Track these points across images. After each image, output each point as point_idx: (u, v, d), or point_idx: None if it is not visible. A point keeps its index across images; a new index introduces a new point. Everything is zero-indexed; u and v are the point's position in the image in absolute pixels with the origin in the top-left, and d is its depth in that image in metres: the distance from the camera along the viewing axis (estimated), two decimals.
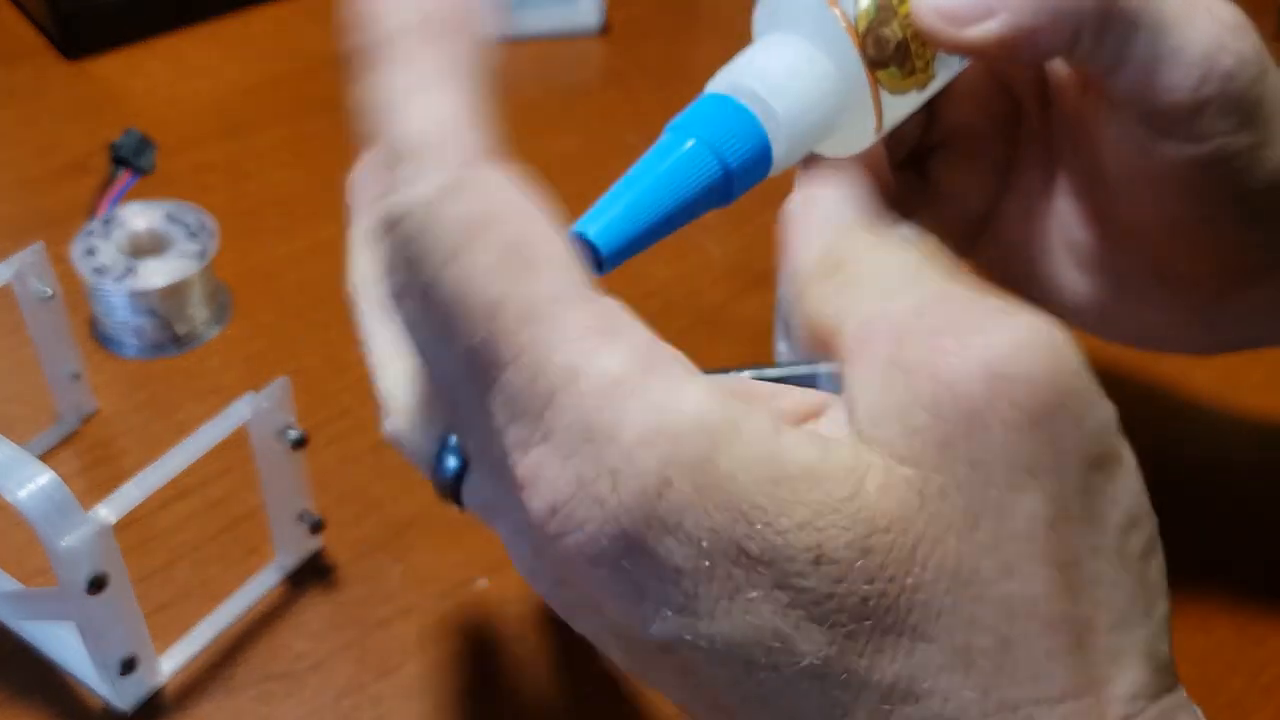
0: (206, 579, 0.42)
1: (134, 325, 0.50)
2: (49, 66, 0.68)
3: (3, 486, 0.34)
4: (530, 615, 0.42)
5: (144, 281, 0.49)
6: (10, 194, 0.59)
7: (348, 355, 0.51)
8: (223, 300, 0.53)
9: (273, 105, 0.66)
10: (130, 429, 0.48)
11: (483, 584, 0.43)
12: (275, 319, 0.53)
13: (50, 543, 0.34)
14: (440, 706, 0.39)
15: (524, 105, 0.67)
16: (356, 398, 0.49)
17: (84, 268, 0.50)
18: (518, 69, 0.70)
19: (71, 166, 0.60)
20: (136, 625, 0.37)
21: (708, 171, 0.28)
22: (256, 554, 0.43)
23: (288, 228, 0.58)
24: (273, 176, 0.61)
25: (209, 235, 0.51)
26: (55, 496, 0.34)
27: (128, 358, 0.51)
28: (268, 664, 0.40)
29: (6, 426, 0.47)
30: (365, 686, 0.39)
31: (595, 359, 0.22)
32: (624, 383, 0.22)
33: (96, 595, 0.34)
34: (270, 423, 0.39)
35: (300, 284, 0.54)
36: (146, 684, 0.39)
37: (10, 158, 0.61)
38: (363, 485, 0.46)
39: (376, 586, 0.42)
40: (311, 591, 0.42)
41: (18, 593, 0.41)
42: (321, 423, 0.48)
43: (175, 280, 0.50)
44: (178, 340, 0.51)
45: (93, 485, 0.45)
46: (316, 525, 0.42)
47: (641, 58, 0.72)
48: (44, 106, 0.65)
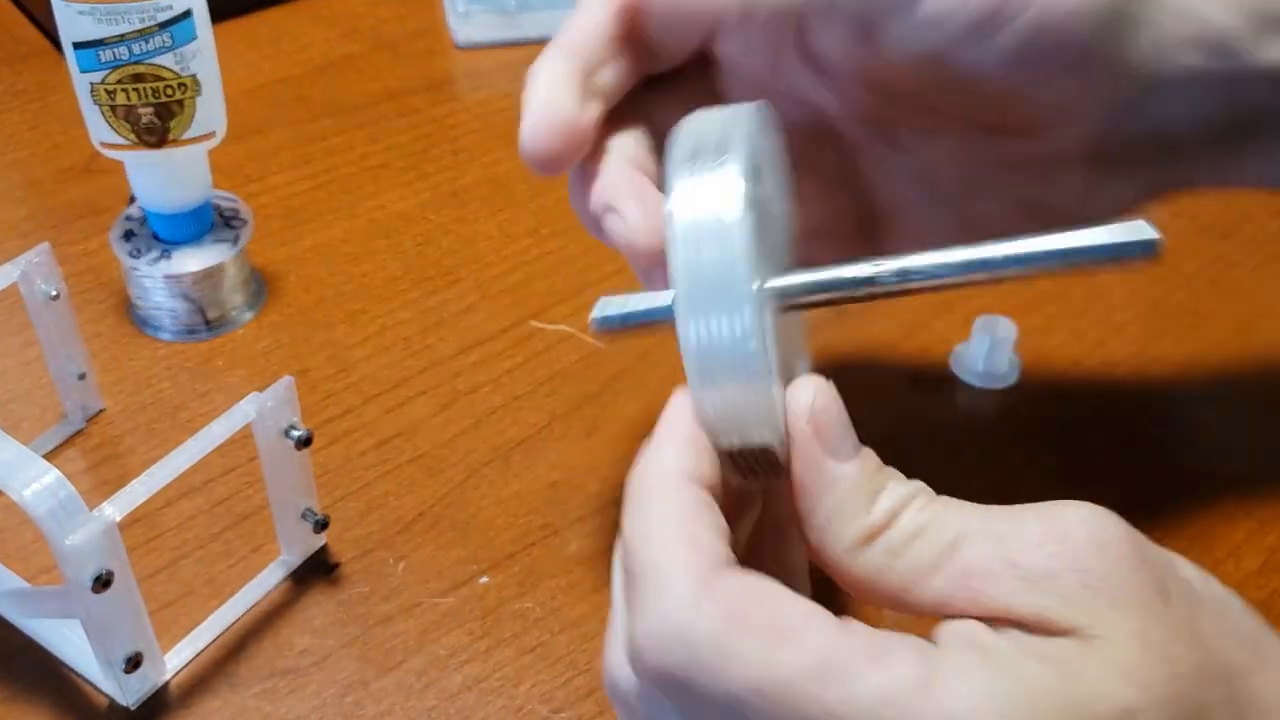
0: (211, 576, 0.43)
1: (169, 309, 0.51)
2: (54, 69, 0.68)
3: (9, 485, 0.34)
4: (531, 612, 0.42)
5: (178, 266, 0.50)
6: (17, 195, 0.59)
7: (351, 355, 0.51)
8: (256, 286, 0.54)
9: (277, 108, 0.66)
10: (136, 427, 0.48)
11: (484, 581, 0.43)
12: (279, 319, 0.53)
13: (56, 541, 0.34)
14: (442, 703, 0.39)
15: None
16: (360, 397, 0.49)
17: (121, 251, 0.50)
18: (519, 72, 0.70)
19: (77, 168, 0.61)
20: (141, 622, 0.37)
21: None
22: (261, 551, 0.43)
23: (290, 229, 0.58)
24: (277, 179, 0.61)
25: (244, 222, 0.52)
26: (60, 495, 0.34)
27: (163, 340, 0.52)
28: (272, 660, 0.40)
29: (13, 425, 0.47)
30: (368, 683, 0.40)
31: (857, 685, 0.25)
32: (913, 701, 0.25)
33: (102, 593, 0.35)
34: (275, 421, 0.39)
35: (304, 285, 0.55)
36: (151, 680, 0.39)
37: (16, 159, 0.62)
38: (366, 483, 0.46)
39: (380, 584, 0.43)
40: (315, 589, 0.42)
41: (24, 590, 0.41)
42: (325, 421, 0.48)
43: (209, 265, 0.50)
44: (210, 324, 0.52)
45: (98, 484, 0.46)
46: (320, 523, 0.42)
47: None
48: (49, 109, 0.65)
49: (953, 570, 0.27)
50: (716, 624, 0.25)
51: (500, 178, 0.62)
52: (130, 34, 0.44)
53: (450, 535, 0.44)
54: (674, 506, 0.27)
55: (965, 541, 0.27)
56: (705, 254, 0.28)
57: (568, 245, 0.58)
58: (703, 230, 0.28)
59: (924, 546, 0.28)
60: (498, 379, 0.51)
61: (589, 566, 0.43)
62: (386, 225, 0.59)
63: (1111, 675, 0.25)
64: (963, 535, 0.28)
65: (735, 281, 0.27)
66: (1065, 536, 0.27)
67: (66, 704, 0.39)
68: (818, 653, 0.25)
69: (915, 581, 0.27)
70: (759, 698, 0.25)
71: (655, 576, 0.26)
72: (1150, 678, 0.25)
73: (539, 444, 0.48)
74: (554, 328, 0.53)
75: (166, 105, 0.47)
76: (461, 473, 0.47)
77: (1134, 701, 0.24)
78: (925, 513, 0.28)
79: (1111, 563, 0.26)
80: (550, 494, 0.46)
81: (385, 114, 0.66)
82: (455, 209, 0.60)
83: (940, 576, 0.27)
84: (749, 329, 0.27)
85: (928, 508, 0.28)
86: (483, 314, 0.54)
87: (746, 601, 0.26)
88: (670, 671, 0.26)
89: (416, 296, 0.55)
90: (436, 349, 0.52)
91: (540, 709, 0.39)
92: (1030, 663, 0.25)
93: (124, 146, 0.47)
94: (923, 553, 0.28)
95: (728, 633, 0.25)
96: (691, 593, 0.26)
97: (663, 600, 0.26)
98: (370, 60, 0.70)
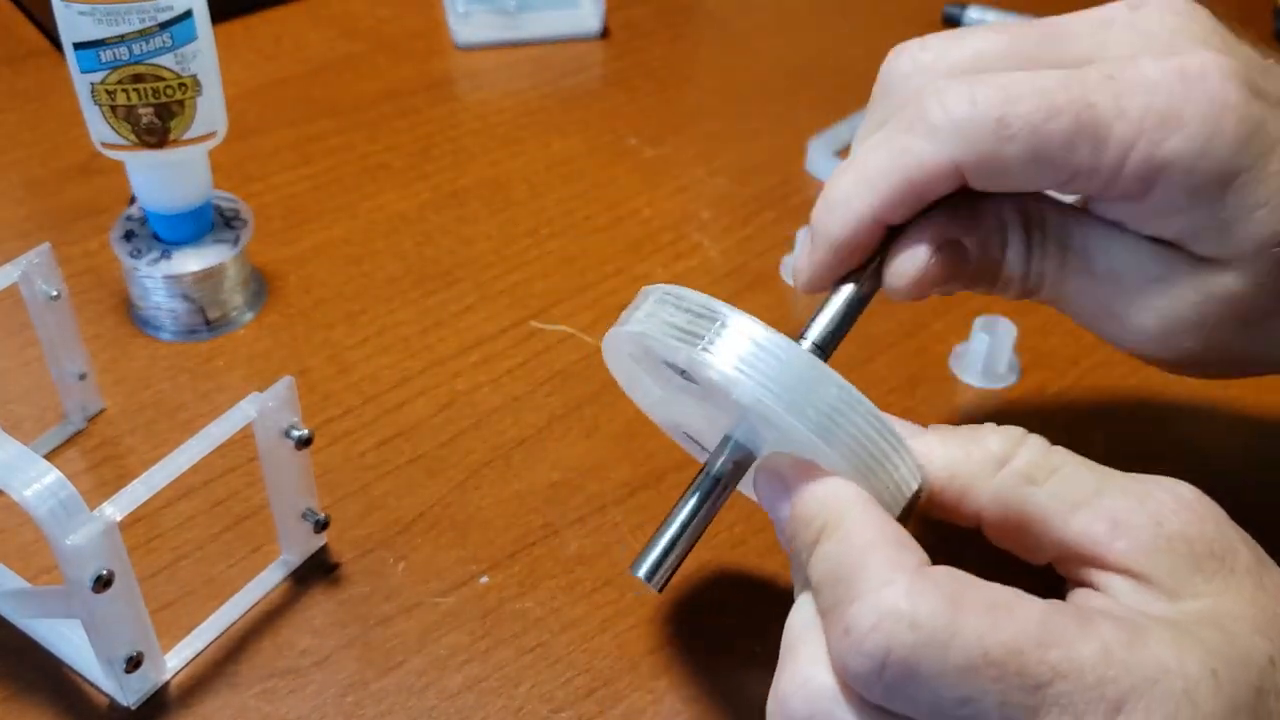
0: (211, 576, 0.43)
1: (169, 309, 0.51)
2: (54, 69, 0.68)
3: (9, 485, 0.34)
4: (531, 612, 0.42)
5: (178, 266, 0.50)
6: (17, 196, 0.59)
7: (351, 355, 0.51)
8: (256, 286, 0.54)
9: (277, 108, 0.66)
10: (136, 428, 0.48)
11: (484, 581, 0.43)
12: (279, 319, 0.53)
13: (56, 541, 0.34)
14: (442, 703, 0.39)
15: (526, 107, 0.67)
16: (360, 397, 0.50)
17: (121, 251, 0.50)
18: (519, 72, 0.70)
19: (77, 169, 0.61)
20: (142, 622, 0.37)
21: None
22: (261, 552, 0.43)
23: (290, 229, 0.58)
24: (277, 179, 0.61)
25: (244, 223, 0.52)
26: (61, 495, 0.34)
27: (164, 340, 0.52)
28: (272, 661, 0.40)
29: (13, 426, 0.47)
30: (368, 683, 0.40)
31: (1079, 645, 0.27)
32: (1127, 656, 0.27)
33: (102, 593, 0.35)
34: (275, 422, 0.39)
35: (304, 285, 0.55)
36: (151, 680, 0.39)
37: (16, 159, 0.62)
38: (366, 484, 0.46)
39: (380, 584, 0.43)
40: (315, 589, 0.42)
41: (24, 590, 0.41)
42: (326, 421, 0.48)
43: (209, 266, 0.50)
44: (210, 325, 0.52)
45: (99, 484, 0.46)
46: (321, 523, 0.42)
47: (641, 61, 0.72)
48: (49, 109, 0.65)
49: (1101, 512, 0.30)
50: (940, 604, 0.27)
51: (500, 178, 0.62)
52: (130, 34, 0.44)
53: (450, 535, 0.44)
54: (873, 518, 0.30)
55: (1107, 490, 0.31)
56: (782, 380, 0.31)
57: (568, 245, 0.58)
58: (761, 364, 0.31)
59: (1068, 483, 0.31)
60: (498, 379, 0.51)
61: (589, 566, 0.43)
62: (386, 225, 0.59)
63: (1249, 630, 0.28)
64: (1104, 483, 0.31)
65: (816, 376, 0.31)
66: (1190, 505, 0.30)
67: (66, 704, 0.39)
68: (1037, 620, 0.27)
69: (1061, 514, 0.30)
70: (989, 664, 0.27)
71: (870, 575, 0.28)
72: (1271, 631, 0.29)
73: (539, 444, 0.48)
74: (554, 328, 0.53)
75: (167, 105, 0.47)
76: (461, 473, 0.47)
77: (1271, 650, 0.28)
78: (1056, 454, 0.31)
79: (1229, 531, 0.30)
80: (550, 494, 0.46)
81: (385, 114, 0.66)
82: (455, 209, 0.60)
83: (1087, 514, 0.30)
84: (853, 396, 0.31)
85: (1053, 450, 0.31)
86: (483, 314, 0.54)
87: (961, 586, 0.28)
88: (896, 655, 0.27)
89: (416, 296, 0.55)
90: (436, 349, 0.52)
91: (540, 709, 0.39)
92: (1198, 626, 0.28)
93: (124, 147, 0.47)
94: (1069, 488, 0.31)
95: (952, 612, 0.27)
96: (910, 581, 0.28)
97: (883, 592, 0.28)
98: (370, 60, 0.70)
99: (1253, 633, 0.28)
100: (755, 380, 0.30)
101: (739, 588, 0.43)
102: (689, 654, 0.41)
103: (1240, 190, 0.32)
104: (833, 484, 0.31)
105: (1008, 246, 0.36)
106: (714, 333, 0.31)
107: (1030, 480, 0.31)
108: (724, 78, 0.71)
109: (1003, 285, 0.37)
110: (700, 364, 0.31)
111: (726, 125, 0.67)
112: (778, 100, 0.69)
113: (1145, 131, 0.32)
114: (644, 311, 0.34)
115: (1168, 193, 0.32)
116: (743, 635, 0.41)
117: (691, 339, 0.32)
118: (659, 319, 0.33)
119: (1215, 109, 0.31)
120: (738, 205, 0.61)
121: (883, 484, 0.31)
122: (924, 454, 0.32)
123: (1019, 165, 0.33)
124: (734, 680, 0.40)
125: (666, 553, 0.34)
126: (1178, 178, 0.32)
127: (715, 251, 0.58)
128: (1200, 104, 0.31)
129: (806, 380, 0.31)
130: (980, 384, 0.51)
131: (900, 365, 0.52)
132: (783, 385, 0.30)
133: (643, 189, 0.62)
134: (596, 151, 0.64)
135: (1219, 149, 0.32)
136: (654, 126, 0.66)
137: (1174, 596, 0.29)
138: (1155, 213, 0.33)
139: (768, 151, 0.64)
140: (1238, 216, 0.32)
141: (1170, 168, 0.32)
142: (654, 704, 0.40)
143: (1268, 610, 0.29)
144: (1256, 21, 0.75)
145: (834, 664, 0.29)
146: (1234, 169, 0.32)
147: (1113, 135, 0.32)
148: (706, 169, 0.63)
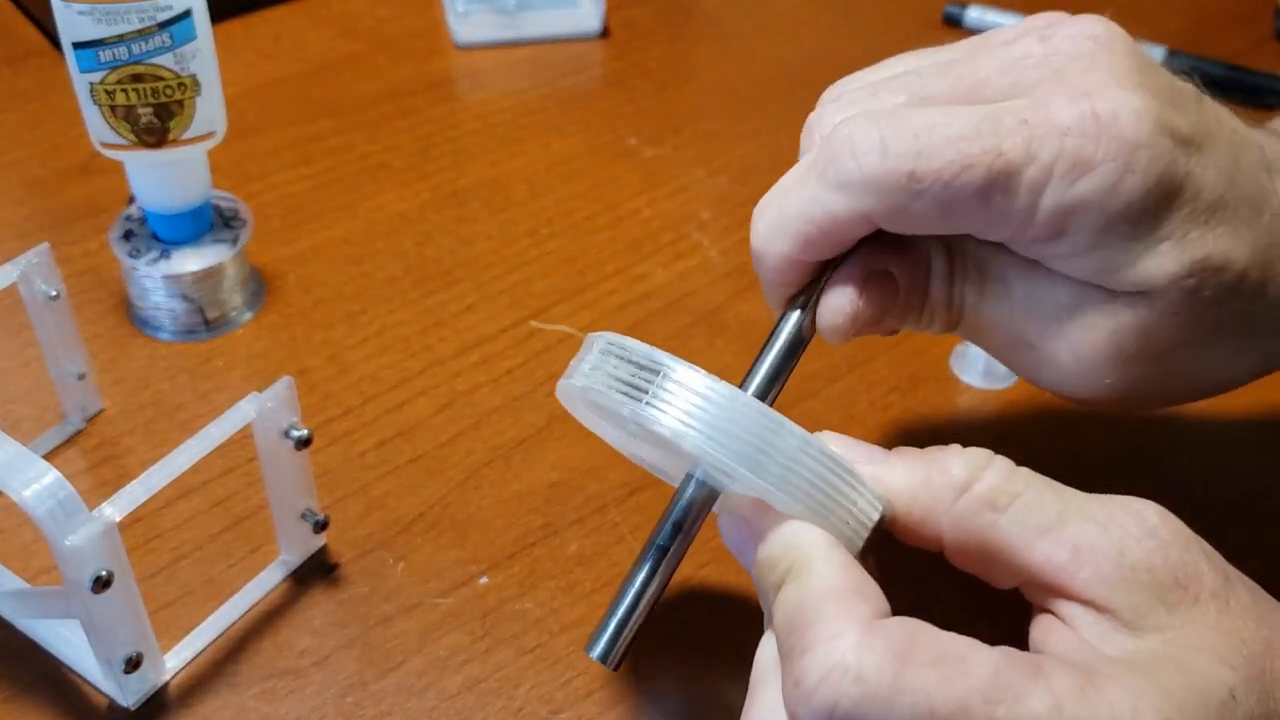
0: (210, 577, 0.43)
1: (168, 309, 0.51)
2: (54, 69, 0.68)
3: (9, 485, 0.34)
4: (531, 613, 0.42)
5: (178, 266, 0.50)
6: (17, 195, 0.59)
7: (351, 355, 0.51)
8: (255, 286, 0.54)
9: (277, 108, 0.66)
10: (135, 428, 0.48)
11: (484, 582, 0.43)
12: (279, 319, 0.53)
13: (55, 541, 0.34)
14: (442, 703, 0.39)
15: (526, 107, 0.67)
16: (360, 397, 0.49)
17: (120, 251, 0.50)
18: (519, 72, 0.70)
19: (77, 168, 0.61)
20: (141, 623, 0.37)
21: None
22: (260, 552, 0.43)
23: (290, 229, 0.58)
24: (277, 179, 0.61)
25: (243, 223, 0.52)
26: (60, 495, 0.34)
27: (163, 340, 0.52)
28: (271, 661, 0.40)
29: (12, 426, 0.47)
30: (368, 683, 0.40)
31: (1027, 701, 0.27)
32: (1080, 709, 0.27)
33: (101, 593, 0.35)
34: (274, 422, 0.39)
35: (304, 285, 0.55)
36: (150, 681, 0.39)
37: (16, 159, 0.62)
38: (366, 484, 0.46)
39: (379, 584, 0.43)
40: (315, 589, 0.42)
41: (23, 591, 0.41)
42: (325, 421, 0.48)
43: (208, 265, 0.50)
44: (209, 325, 0.52)
45: (98, 484, 0.46)
46: (320, 524, 0.42)
47: (640, 60, 0.72)
48: (49, 109, 0.65)
49: (1064, 539, 0.30)
50: (888, 659, 0.27)
51: (500, 178, 0.62)
52: (130, 34, 0.44)
53: (450, 536, 0.44)
54: (834, 564, 0.30)
55: (1070, 516, 0.30)
56: (733, 435, 0.30)
57: (567, 245, 0.58)
58: (711, 419, 0.31)
59: (1031, 509, 0.30)
60: (498, 379, 0.51)
61: (589, 567, 0.43)
62: (386, 225, 0.59)
63: (1211, 663, 0.28)
64: (1067, 508, 0.30)
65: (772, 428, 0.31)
66: (1155, 531, 0.30)
67: (66, 704, 0.39)
68: (985, 677, 0.27)
69: (1023, 541, 0.30)
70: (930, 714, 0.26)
71: (822, 627, 0.28)
72: (1235, 659, 0.28)
73: (539, 444, 0.48)
74: (554, 328, 0.53)
75: (166, 105, 0.47)
76: (461, 473, 0.47)
77: (1231, 681, 0.28)
78: (1020, 477, 0.31)
79: (1193, 557, 0.30)
80: (550, 494, 0.46)
81: (385, 114, 0.66)
82: (455, 209, 0.60)
83: (1049, 542, 0.30)
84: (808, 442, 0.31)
85: (1017, 473, 0.31)
86: (482, 314, 0.54)
87: (912, 639, 0.27)
88: (842, 709, 0.27)
89: (416, 297, 0.55)
90: (436, 349, 0.52)
91: (540, 709, 0.39)
92: (1157, 665, 0.28)
93: (124, 146, 0.47)
94: (1031, 514, 0.30)
95: (899, 667, 0.27)
96: (859, 635, 0.27)
97: (832, 645, 0.27)
98: (370, 60, 0.70)
99: (1216, 663, 0.28)
100: (702, 434, 0.30)
101: (739, 589, 0.43)
102: (689, 656, 0.41)
103: (1149, 225, 0.32)
104: (795, 527, 0.31)
105: (931, 273, 0.36)
106: (657, 385, 0.31)
107: (992, 506, 0.30)
108: (724, 78, 0.71)
109: (929, 316, 0.37)
110: (646, 420, 0.31)
111: (726, 125, 0.67)
112: (778, 100, 0.69)
113: (1056, 177, 0.32)
114: (589, 364, 0.33)
115: (1079, 233, 0.32)
116: (742, 637, 0.41)
117: (636, 394, 0.31)
118: (603, 372, 0.32)
119: (1126, 150, 0.31)
120: (738, 205, 0.61)
121: (841, 520, 0.31)
122: (886, 480, 0.32)
123: (929, 217, 0.33)
124: (734, 681, 0.40)
125: (620, 630, 0.33)
126: (1088, 219, 0.32)
127: (715, 251, 0.58)
128: (1110, 147, 0.31)
129: (753, 429, 0.30)
130: (980, 384, 0.51)
131: (900, 365, 0.52)
132: (729, 435, 0.30)
133: (643, 189, 0.62)
134: (596, 151, 0.64)
135: (1128, 189, 0.31)
136: (654, 126, 0.66)
137: (1135, 629, 0.29)
138: (1069, 252, 0.33)
139: (768, 151, 0.64)
140: (1147, 250, 0.32)
141: (1080, 209, 0.32)
142: (654, 705, 0.40)
143: (1233, 635, 0.29)
144: (1256, 21, 0.75)
145: (787, 711, 0.28)
146: (1143, 206, 0.32)
147: (1024, 182, 0.32)
148: (706, 169, 0.63)
